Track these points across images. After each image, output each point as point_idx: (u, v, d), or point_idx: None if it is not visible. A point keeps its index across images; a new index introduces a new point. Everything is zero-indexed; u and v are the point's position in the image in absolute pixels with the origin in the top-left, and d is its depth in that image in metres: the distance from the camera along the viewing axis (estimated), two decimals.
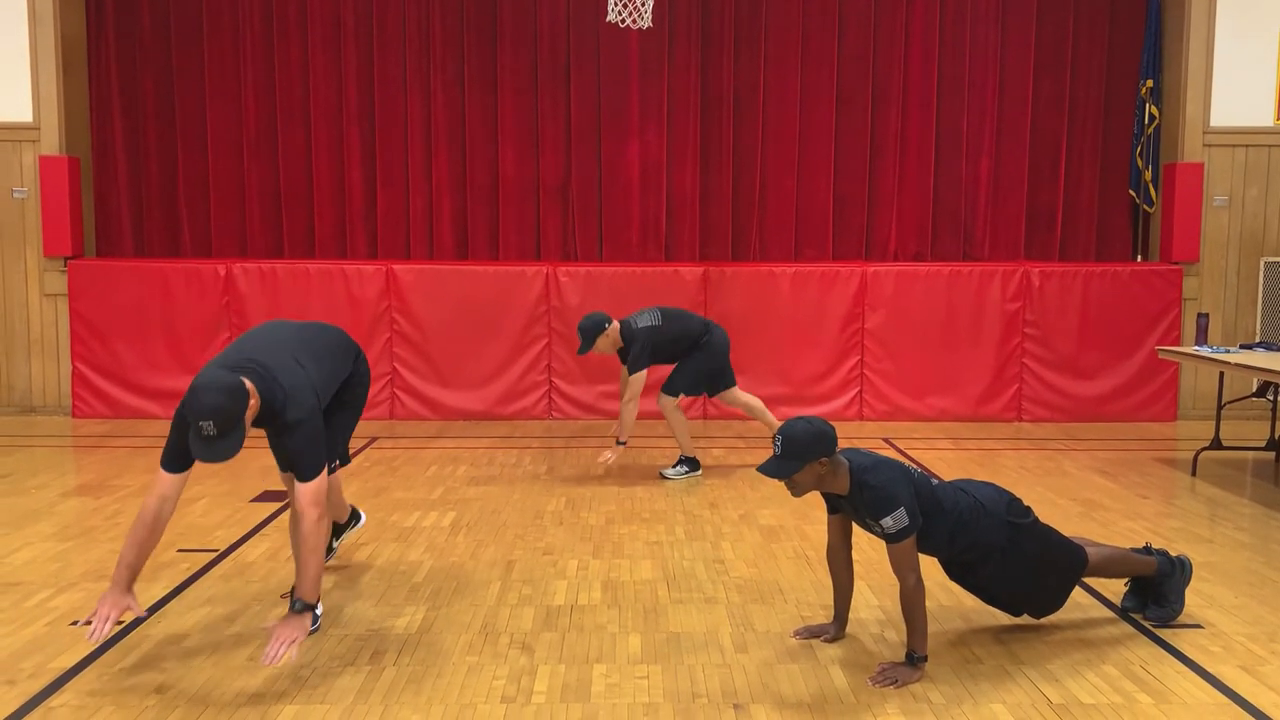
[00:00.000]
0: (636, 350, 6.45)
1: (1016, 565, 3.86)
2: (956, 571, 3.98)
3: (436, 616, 4.23)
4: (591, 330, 6.45)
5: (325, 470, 3.73)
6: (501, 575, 4.74)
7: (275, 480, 6.49)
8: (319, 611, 3.80)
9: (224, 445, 3.42)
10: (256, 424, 3.65)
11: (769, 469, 3.62)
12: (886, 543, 3.64)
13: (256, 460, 7.12)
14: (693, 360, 6.61)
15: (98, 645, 3.47)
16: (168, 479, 3.65)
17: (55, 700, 3.47)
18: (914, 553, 3.63)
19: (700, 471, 6.71)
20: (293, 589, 3.68)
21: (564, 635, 4.04)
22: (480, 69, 9.12)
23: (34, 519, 5.62)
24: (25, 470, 6.80)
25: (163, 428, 8.27)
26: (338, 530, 4.76)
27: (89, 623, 3.52)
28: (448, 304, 8.60)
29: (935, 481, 3.84)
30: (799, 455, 3.58)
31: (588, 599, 4.43)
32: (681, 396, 6.67)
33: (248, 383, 3.54)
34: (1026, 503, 4.00)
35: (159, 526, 3.65)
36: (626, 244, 9.23)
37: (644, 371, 6.45)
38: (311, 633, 3.80)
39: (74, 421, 8.56)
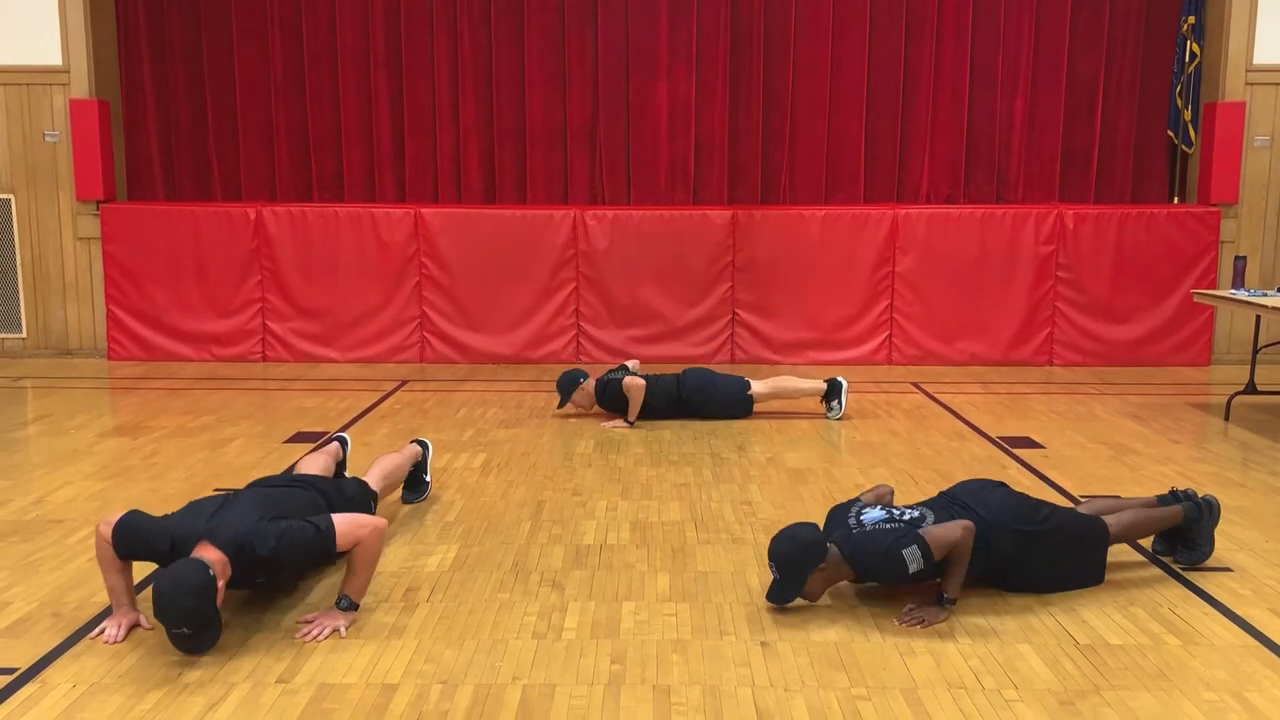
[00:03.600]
0: (613, 388, 6.47)
1: (1037, 567, 3.84)
2: (984, 584, 3.94)
3: (468, 555, 4.29)
4: (568, 386, 6.55)
5: (332, 518, 3.61)
6: (532, 515, 4.80)
7: (308, 421, 6.59)
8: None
9: (204, 639, 3.34)
10: (245, 573, 3.47)
11: (777, 598, 3.68)
12: (929, 571, 3.63)
13: (290, 401, 7.24)
14: (702, 401, 6.57)
15: (120, 641, 3.52)
16: (115, 556, 3.56)
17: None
18: (943, 533, 3.62)
19: (846, 383, 6.69)
20: (343, 584, 3.66)
21: (593, 574, 4.09)
22: (507, 9, 9.02)
23: (74, 458, 5.74)
24: (63, 411, 6.92)
25: (196, 370, 8.47)
26: (422, 465, 4.93)
27: (103, 631, 3.53)
28: (476, 248, 8.61)
29: (930, 518, 3.77)
30: (798, 574, 3.64)
31: (616, 539, 4.48)
32: (754, 385, 6.64)
33: (207, 554, 3.36)
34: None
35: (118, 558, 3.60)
36: (654, 187, 9.17)
37: (631, 377, 6.46)
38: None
39: (109, 364, 8.69)
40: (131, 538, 3.53)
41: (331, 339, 8.72)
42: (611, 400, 6.53)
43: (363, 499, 4.29)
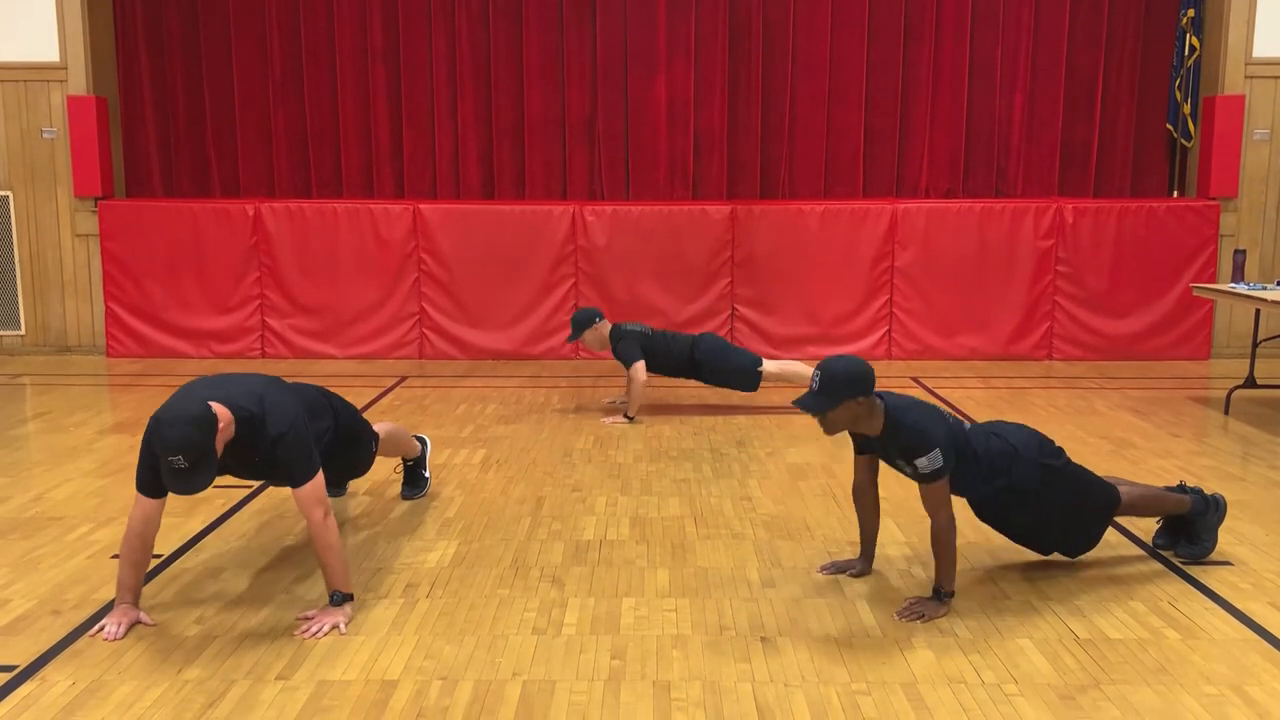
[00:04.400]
0: (623, 348, 6.49)
1: (1049, 507, 3.85)
2: (989, 513, 3.97)
3: (468, 551, 4.29)
4: (583, 322, 6.57)
5: (319, 471, 3.60)
6: (531, 511, 4.79)
7: None
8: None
9: (197, 477, 3.25)
10: (234, 449, 3.45)
11: (805, 403, 3.60)
12: (920, 483, 3.63)
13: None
14: (713, 369, 6.57)
15: (120, 639, 3.51)
16: (148, 503, 3.52)
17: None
18: (946, 491, 3.63)
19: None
20: (326, 583, 3.64)
21: (593, 569, 4.09)
22: (506, 5, 9.01)
23: (73, 456, 5.73)
24: (63, 408, 6.92)
25: (195, 366, 8.45)
26: (421, 460, 4.95)
27: (102, 628, 3.51)
28: (475, 244, 8.60)
29: (968, 425, 3.82)
30: (836, 392, 3.56)
31: (616, 534, 4.48)
32: (765, 364, 6.63)
33: (215, 406, 3.35)
34: (1058, 444, 3.98)
35: (148, 546, 3.57)
36: (653, 182, 9.16)
37: (641, 363, 6.44)
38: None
39: (108, 360, 8.68)
40: (149, 443, 3.39)
41: (330, 335, 8.72)
42: (621, 351, 6.49)
43: (368, 438, 4.33)
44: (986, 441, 3.79)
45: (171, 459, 3.23)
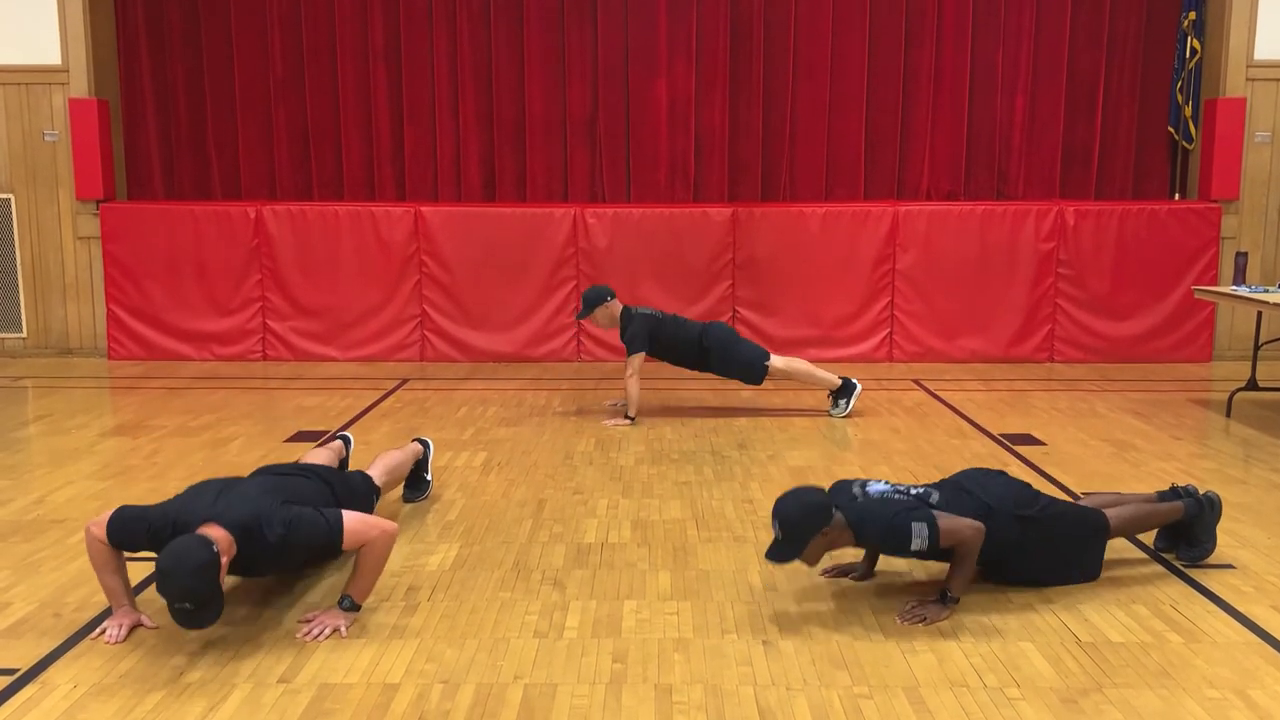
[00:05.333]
0: (632, 331, 6.49)
1: (1036, 555, 3.83)
2: (981, 572, 3.93)
3: (469, 554, 4.29)
4: (594, 299, 6.57)
5: (342, 515, 3.58)
6: (533, 514, 4.79)
7: (309, 420, 6.59)
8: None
9: (206, 615, 3.28)
10: (244, 560, 3.44)
11: (777, 556, 3.62)
12: (928, 555, 3.62)
13: (291, 400, 7.23)
14: (721, 357, 6.58)
15: (122, 641, 3.50)
16: (111, 549, 3.52)
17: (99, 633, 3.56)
18: (955, 522, 3.60)
19: (860, 387, 6.68)
20: (346, 585, 3.65)
21: (595, 572, 4.09)
22: (506, 5, 9.00)
23: (74, 458, 5.73)
24: (64, 411, 6.92)
25: (196, 369, 8.46)
26: (423, 463, 4.96)
27: (104, 631, 3.51)
28: (476, 246, 8.60)
29: (935, 496, 3.77)
30: (800, 536, 3.58)
31: (618, 537, 4.48)
32: (772, 359, 6.62)
33: (213, 532, 3.33)
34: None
35: (117, 555, 3.56)
36: (654, 184, 9.16)
37: (641, 354, 6.45)
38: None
39: (110, 363, 8.68)
40: (130, 526, 3.48)
41: (332, 338, 8.72)
42: (629, 335, 6.48)
43: (367, 492, 4.29)
44: (959, 503, 3.74)
45: (178, 606, 3.24)
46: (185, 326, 8.71)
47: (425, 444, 5.05)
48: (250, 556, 3.47)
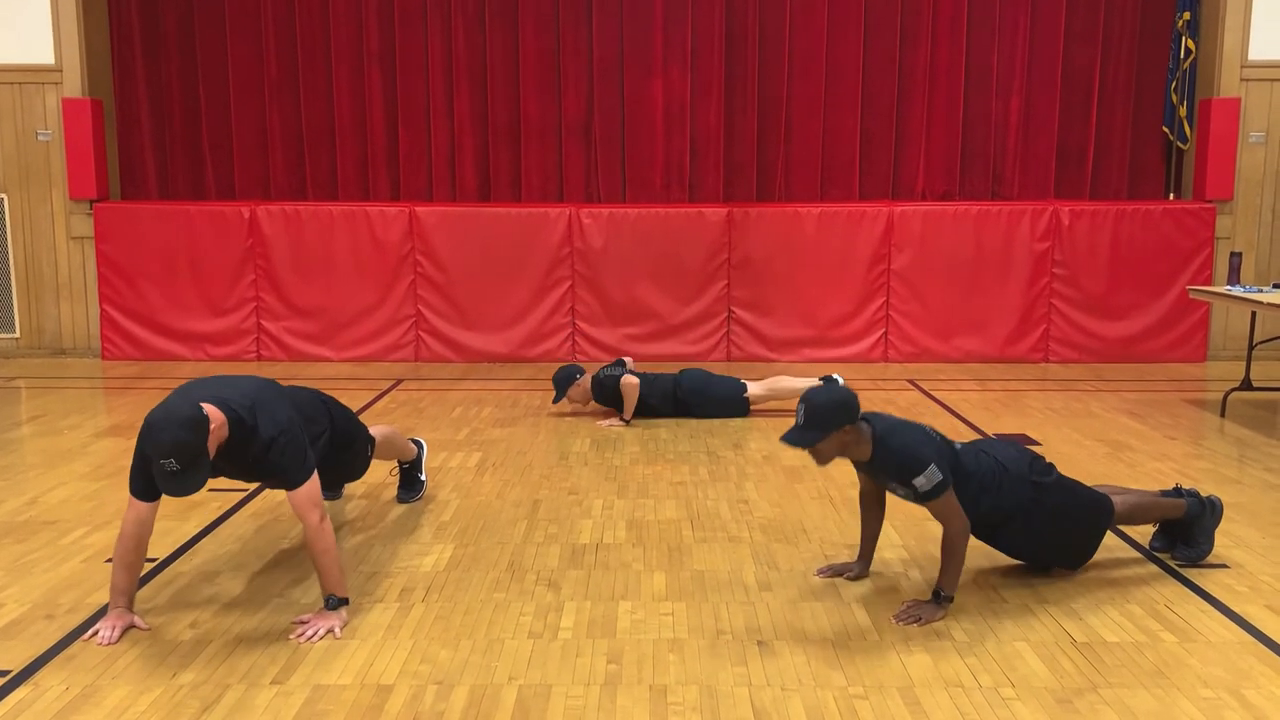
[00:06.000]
0: (609, 386, 6.46)
1: (1041, 523, 3.84)
2: (982, 533, 3.94)
3: (464, 554, 4.28)
4: (564, 381, 6.56)
5: (314, 474, 3.58)
6: (527, 514, 4.78)
7: None
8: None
9: (190, 479, 3.25)
10: (227, 451, 3.42)
11: (792, 438, 3.59)
12: (922, 502, 3.62)
13: None
14: (699, 401, 6.57)
15: (114, 643, 3.48)
16: (142, 506, 3.51)
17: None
18: (954, 501, 3.61)
19: (840, 380, 6.57)
20: (321, 587, 3.63)
21: (589, 573, 4.08)
22: (501, 6, 8.99)
23: (68, 459, 5.71)
24: (58, 411, 6.90)
25: (191, 369, 8.43)
26: (417, 463, 4.96)
27: (96, 633, 3.50)
28: (471, 246, 8.59)
29: (957, 445, 3.80)
30: (822, 424, 3.54)
31: (613, 538, 4.47)
32: (750, 387, 6.62)
33: (207, 408, 3.33)
34: (1049, 457, 3.98)
35: (141, 549, 3.56)
36: (650, 184, 9.15)
37: (629, 376, 6.45)
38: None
39: (104, 363, 8.66)
40: (142, 445, 3.40)
41: (326, 338, 8.71)
42: (608, 396, 6.52)
43: (363, 441, 4.31)
44: (976, 459, 3.77)
45: (164, 461, 3.22)
46: (179, 327, 8.70)
47: (419, 444, 5.04)
48: (235, 449, 3.43)
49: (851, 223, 8.56)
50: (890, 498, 4.04)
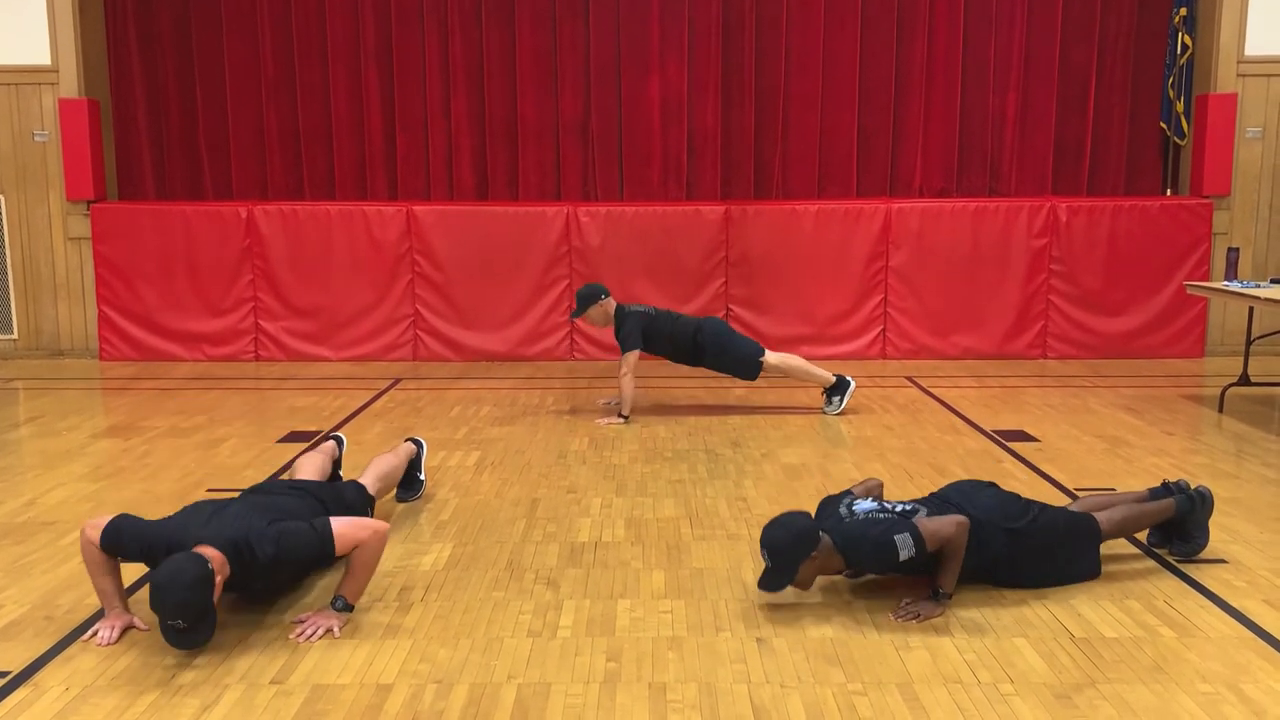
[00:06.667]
0: (626, 330, 6.50)
1: (1027, 564, 3.83)
2: (973, 580, 3.93)
3: (463, 553, 4.28)
4: (588, 298, 6.55)
5: (330, 521, 3.59)
6: (526, 513, 4.78)
7: (302, 420, 6.58)
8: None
9: (199, 634, 3.28)
10: (242, 580, 3.45)
11: (768, 585, 3.65)
12: (917, 562, 3.62)
13: (283, 400, 7.22)
14: (715, 353, 6.58)
15: (113, 643, 3.48)
16: (100, 552, 3.52)
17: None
18: (936, 523, 3.62)
19: (854, 385, 6.69)
20: (339, 586, 3.64)
21: (588, 571, 4.08)
22: (498, 3, 8.99)
23: (66, 460, 5.71)
24: (55, 412, 6.90)
25: (189, 369, 8.44)
26: (416, 463, 4.97)
27: (95, 634, 3.50)
28: (469, 245, 8.59)
29: (922, 511, 3.77)
30: (790, 563, 3.61)
31: (611, 536, 4.47)
32: (766, 354, 6.63)
33: (206, 551, 3.33)
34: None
35: (111, 557, 3.56)
36: (647, 182, 9.15)
37: (636, 351, 6.46)
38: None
39: (101, 364, 8.66)
40: (125, 536, 3.50)
41: (324, 337, 8.70)
42: (623, 334, 6.48)
43: (361, 504, 4.28)
44: (941, 514, 3.74)
45: (171, 623, 3.24)
46: (177, 327, 8.69)
47: (418, 443, 5.04)
48: (243, 574, 3.46)
49: (849, 220, 8.56)
50: (887, 496, 4.05)
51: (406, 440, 5.02)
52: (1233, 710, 3.04)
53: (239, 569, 3.43)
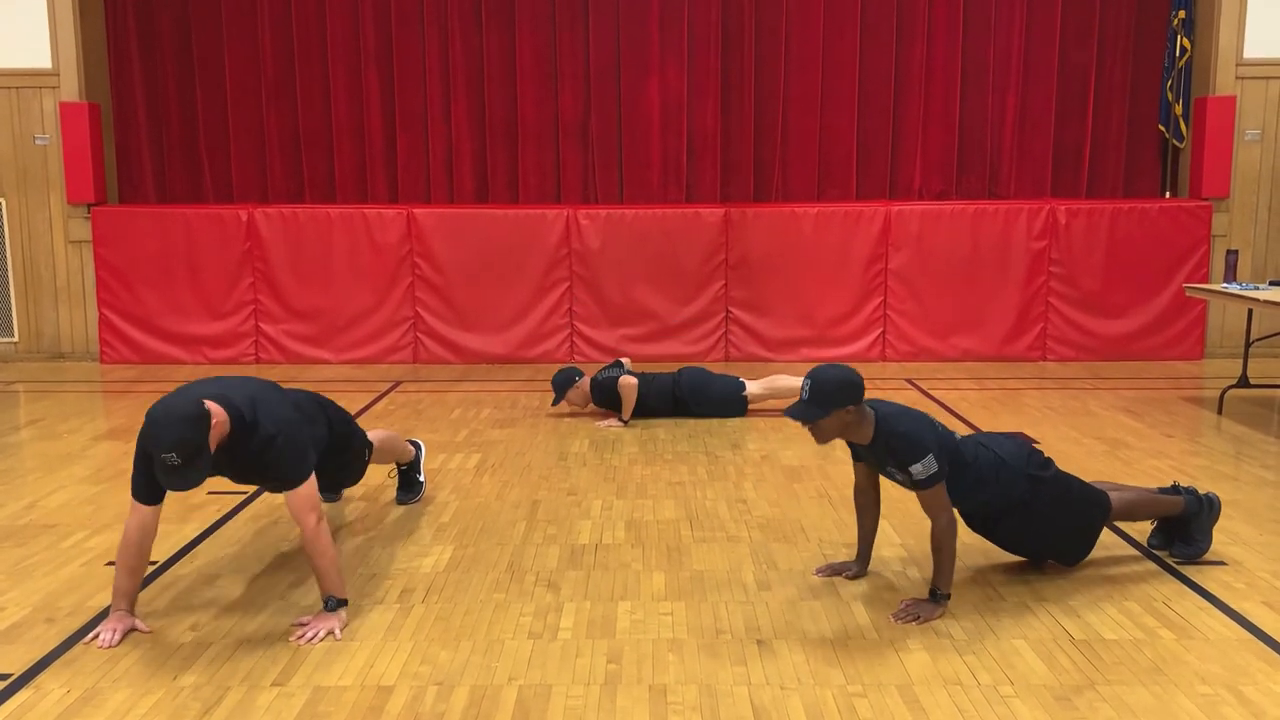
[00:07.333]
0: (607, 388, 6.49)
1: (1038, 518, 3.86)
2: (978, 525, 3.97)
3: (463, 555, 4.29)
4: (564, 384, 6.57)
5: (312, 476, 3.59)
6: (527, 515, 4.79)
7: None
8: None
9: (191, 473, 3.26)
10: (227, 448, 3.43)
11: (796, 412, 3.60)
12: (916, 489, 3.63)
13: None
14: (698, 400, 6.59)
15: (115, 646, 3.48)
16: (145, 510, 3.51)
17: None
18: (944, 495, 3.63)
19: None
20: (321, 588, 3.63)
21: (589, 573, 4.09)
22: (498, 7, 9.01)
23: (67, 463, 5.72)
24: (56, 415, 6.90)
25: (189, 372, 8.44)
26: (415, 465, 4.97)
27: (97, 636, 3.50)
28: (469, 248, 8.60)
29: (957, 436, 3.81)
30: (826, 401, 3.55)
31: (612, 538, 4.48)
32: (749, 386, 6.65)
33: (209, 403, 3.35)
34: (1047, 453, 3.99)
35: (145, 553, 3.56)
36: (647, 185, 9.16)
37: (627, 376, 6.46)
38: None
39: (102, 367, 8.66)
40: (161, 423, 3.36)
41: (325, 340, 8.71)
42: (606, 398, 6.54)
43: (360, 445, 4.32)
44: (975, 451, 3.79)
45: (165, 456, 3.23)
46: (178, 330, 8.70)
47: (418, 446, 5.05)
48: (237, 445, 3.44)
49: (848, 222, 8.57)
50: (885, 496, 4.05)
51: (406, 442, 5.02)
52: (1232, 712, 3.04)
53: (237, 434, 3.42)
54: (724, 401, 6.63)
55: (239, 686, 3.22)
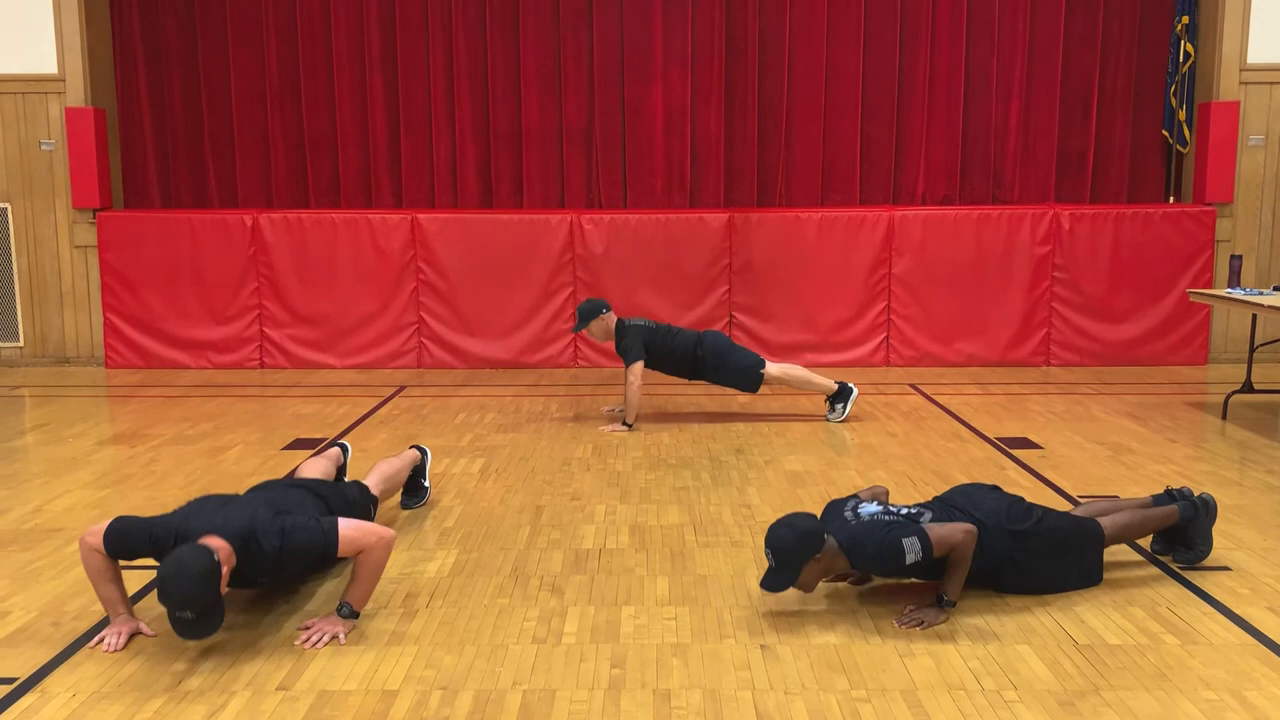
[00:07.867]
0: (627, 342, 6.52)
1: (1030, 567, 3.84)
2: (978, 582, 3.94)
3: (467, 560, 4.30)
4: (589, 313, 6.59)
5: (338, 522, 3.61)
6: (531, 520, 4.80)
7: (307, 428, 6.60)
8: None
9: (206, 625, 3.30)
10: (244, 570, 3.47)
11: (770, 585, 3.65)
12: (924, 565, 3.61)
13: (288, 408, 7.24)
14: (716, 366, 6.60)
15: (120, 649, 3.51)
16: (102, 556, 3.54)
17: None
18: (942, 529, 3.63)
19: (856, 392, 6.71)
20: (345, 592, 3.66)
21: (593, 578, 4.09)
22: (502, 13, 9.02)
23: (72, 467, 5.73)
24: (61, 420, 6.92)
25: (194, 377, 8.47)
26: (421, 470, 4.97)
27: (102, 640, 3.52)
28: (473, 253, 8.61)
29: (927, 515, 3.78)
30: (793, 563, 3.60)
31: (615, 543, 4.48)
32: (768, 366, 6.65)
33: (212, 541, 3.36)
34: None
35: (113, 564, 3.57)
36: (651, 190, 9.17)
37: (639, 364, 6.47)
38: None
39: (107, 372, 8.68)
40: (130, 536, 3.51)
41: (329, 345, 8.72)
42: (624, 347, 6.50)
43: (363, 503, 4.30)
44: (950, 519, 3.76)
45: (179, 615, 3.26)
46: (182, 335, 8.72)
47: (423, 451, 5.06)
48: (249, 567, 3.49)
49: (852, 227, 8.58)
50: (889, 500, 4.06)
51: (411, 447, 5.03)
52: (1236, 717, 3.04)
53: (245, 561, 3.45)
54: (741, 372, 6.61)
55: (244, 690, 3.23)
